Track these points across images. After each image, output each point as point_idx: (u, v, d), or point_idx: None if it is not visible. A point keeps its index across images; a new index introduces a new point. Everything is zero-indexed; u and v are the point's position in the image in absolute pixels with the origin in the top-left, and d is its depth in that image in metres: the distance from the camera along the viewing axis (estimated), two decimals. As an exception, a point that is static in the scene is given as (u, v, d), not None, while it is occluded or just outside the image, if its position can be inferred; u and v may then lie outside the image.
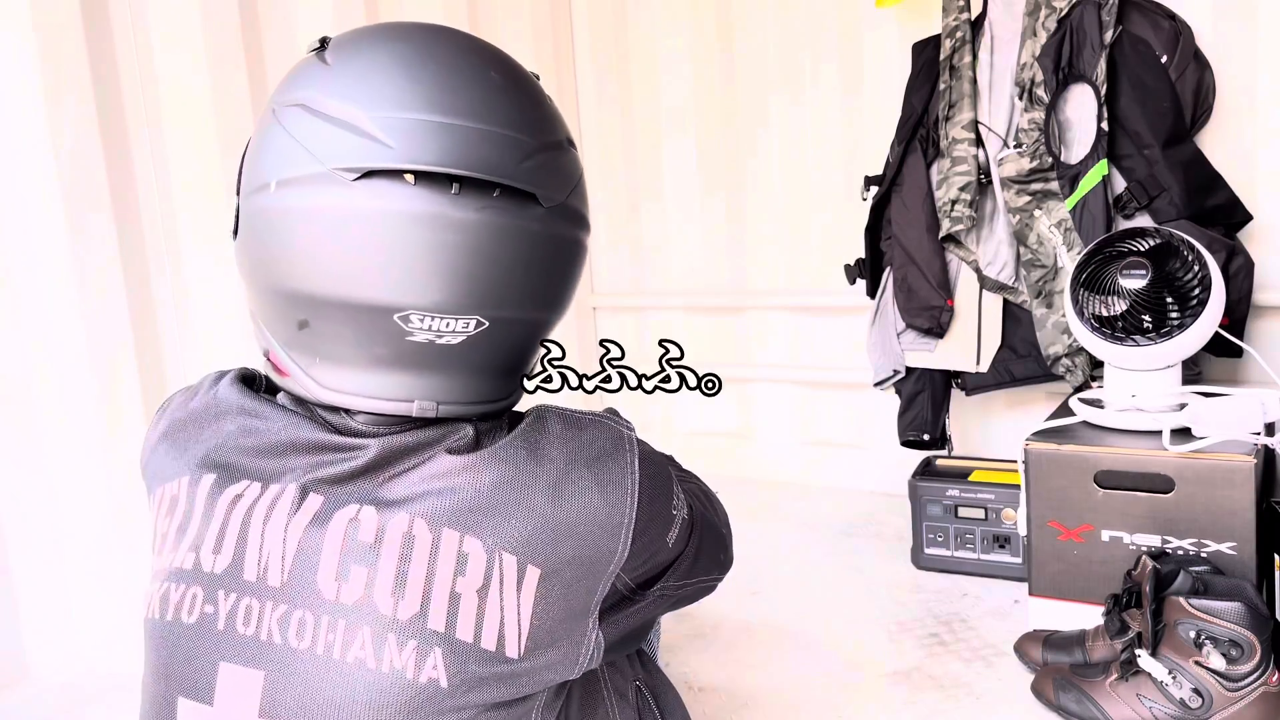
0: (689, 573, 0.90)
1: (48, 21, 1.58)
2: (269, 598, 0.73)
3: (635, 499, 0.78)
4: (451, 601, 0.72)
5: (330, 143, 0.71)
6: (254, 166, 0.76)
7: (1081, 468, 1.47)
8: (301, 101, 0.73)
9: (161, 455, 0.82)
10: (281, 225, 0.73)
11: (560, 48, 2.63)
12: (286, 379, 0.79)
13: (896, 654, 1.56)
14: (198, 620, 0.75)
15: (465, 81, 0.74)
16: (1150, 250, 1.49)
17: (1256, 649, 1.22)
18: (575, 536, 0.75)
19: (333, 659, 0.71)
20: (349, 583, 0.72)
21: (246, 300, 0.82)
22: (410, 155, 0.70)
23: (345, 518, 0.73)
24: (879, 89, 2.19)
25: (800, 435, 2.49)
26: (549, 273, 0.79)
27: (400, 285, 0.71)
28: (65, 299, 1.63)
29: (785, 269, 2.44)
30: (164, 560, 0.78)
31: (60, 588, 1.66)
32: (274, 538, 0.74)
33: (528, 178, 0.74)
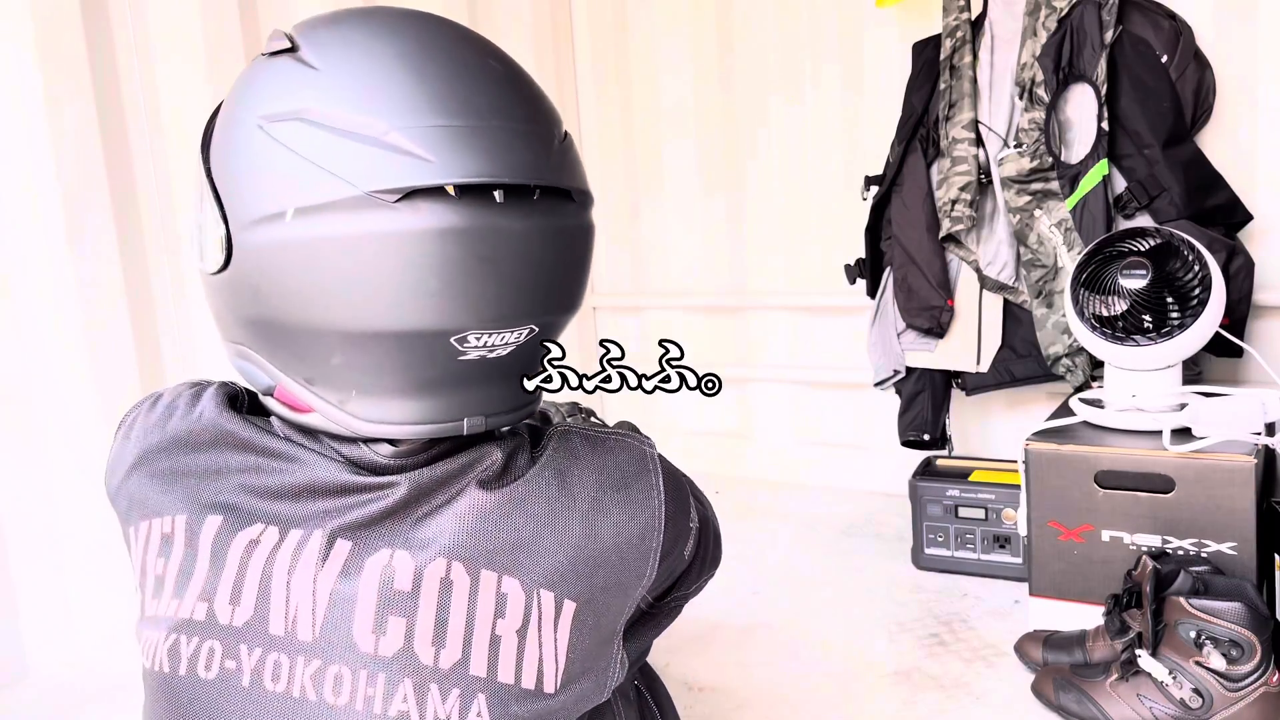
0: (698, 577, 0.90)
1: (48, 23, 1.58)
2: (300, 652, 0.69)
3: (662, 520, 0.77)
4: (492, 645, 0.70)
5: (358, 161, 0.64)
6: (250, 192, 0.68)
7: (1082, 468, 1.47)
8: (298, 113, 0.66)
9: (142, 484, 0.76)
10: (308, 257, 0.66)
11: (560, 48, 2.63)
12: (309, 415, 0.73)
13: (896, 654, 1.56)
14: (218, 676, 0.71)
15: (475, 76, 0.70)
16: (1150, 250, 1.49)
17: (1257, 649, 1.22)
18: (608, 564, 0.74)
19: (374, 713, 0.68)
20: (387, 635, 0.68)
21: (230, 335, 0.75)
22: (451, 169, 0.65)
23: (379, 564, 0.69)
24: (879, 89, 2.19)
25: (800, 435, 2.49)
26: (582, 266, 0.76)
27: (456, 307, 0.67)
28: (65, 299, 1.63)
29: (785, 269, 2.44)
30: (164, 607, 0.73)
31: (60, 588, 1.66)
32: (302, 589, 0.70)
33: (559, 175, 0.71)
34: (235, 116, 0.70)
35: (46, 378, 1.63)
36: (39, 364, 1.63)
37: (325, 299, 0.67)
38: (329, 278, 0.66)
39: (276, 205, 0.66)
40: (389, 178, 0.64)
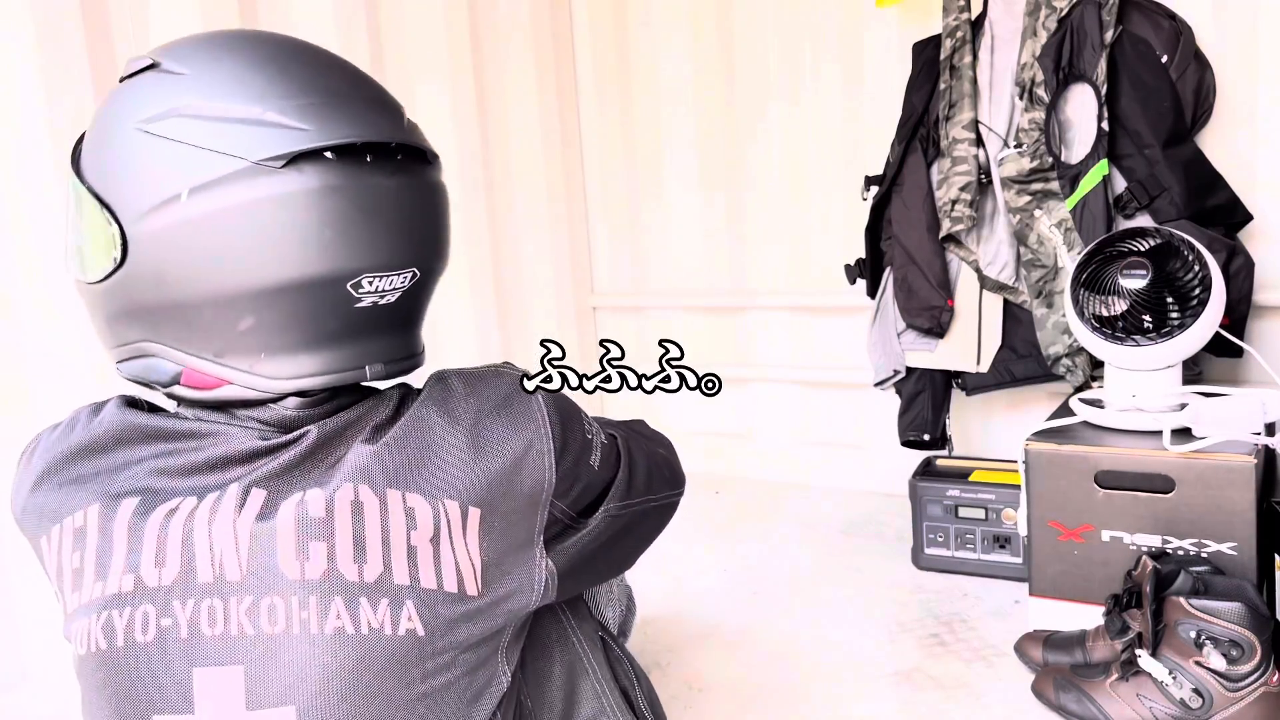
0: (629, 493, 0.94)
1: (48, 24, 1.58)
2: (231, 593, 0.74)
3: (547, 428, 0.84)
4: (409, 555, 0.75)
5: (242, 138, 0.73)
6: (140, 186, 0.74)
7: (1082, 468, 1.47)
8: (174, 111, 0.74)
9: (50, 495, 0.79)
10: (210, 229, 0.73)
11: (560, 48, 2.63)
12: (221, 389, 0.79)
13: (896, 654, 1.56)
14: (155, 637, 0.74)
15: (328, 65, 0.82)
16: (1150, 250, 1.49)
17: (1257, 649, 1.22)
18: (503, 475, 0.80)
19: (310, 634, 0.73)
20: (311, 559, 0.74)
21: (122, 339, 0.81)
22: (325, 134, 0.74)
23: (293, 502, 0.75)
24: (879, 89, 2.19)
25: (800, 435, 2.49)
26: (445, 218, 0.86)
27: (349, 253, 0.76)
28: (64, 299, 1.63)
29: (785, 269, 2.44)
30: (88, 593, 0.76)
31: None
32: (224, 534, 0.74)
33: (414, 137, 0.82)
34: (110, 128, 0.77)
35: (46, 378, 1.63)
36: (39, 364, 1.63)
37: (230, 264, 0.74)
38: (232, 243, 0.74)
39: (170, 190, 0.73)
40: (272, 147, 0.73)
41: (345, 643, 0.73)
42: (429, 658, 0.76)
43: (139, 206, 0.74)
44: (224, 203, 0.73)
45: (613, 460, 0.93)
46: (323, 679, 0.73)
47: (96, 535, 0.76)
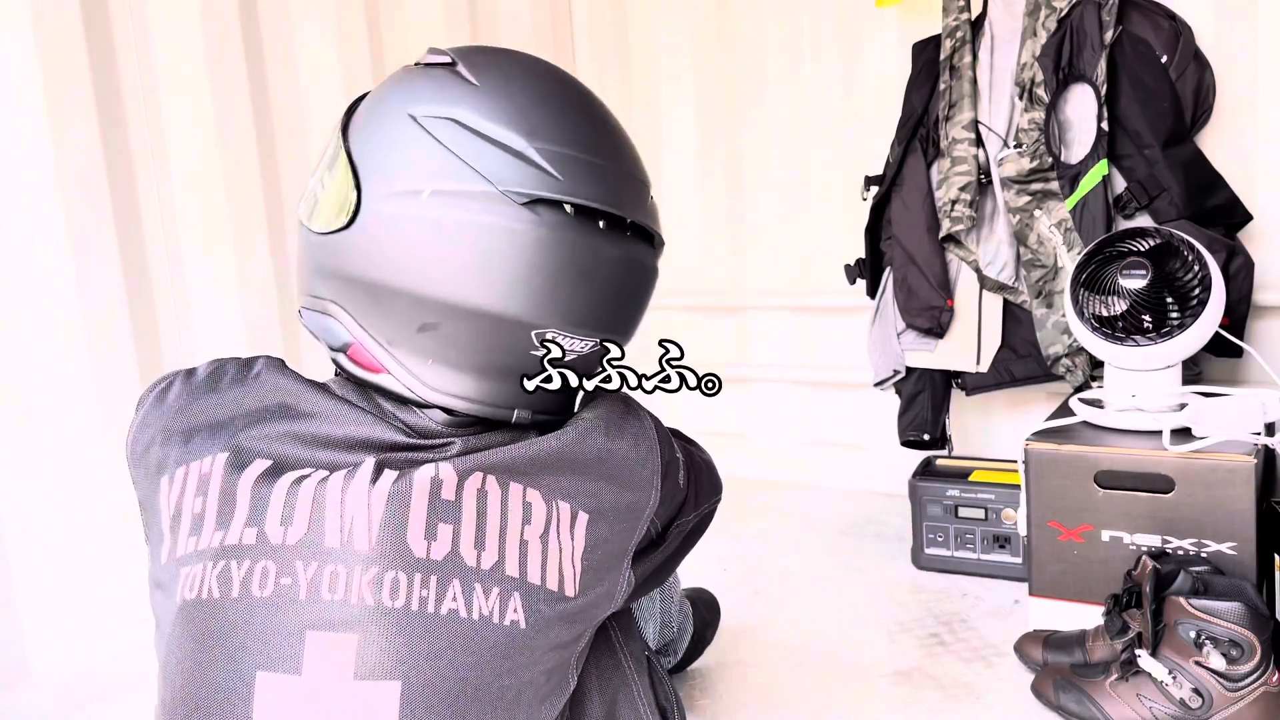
0: (695, 506, 0.99)
1: (49, 26, 1.58)
2: (357, 562, 0.74)
3: (658, 449, 0.88)
4: (522, 548, 0.78)
5: (498, 166, 0.77)
6: (392, 168, 0.78)
7: (1081, 468, 1.47)
8: (454, 117, 0.78)
9: (182, 437, 0.80)
10: (434, 232, 0.77)
11: (560, 48, 2.63)
12: (379, 375, 0.82)
13: (896, 654, 1.56)
14: (273, 593, 0.75)
15: (602, 123, 0.86)
16: (1150, 250, 1.49)
17: (1257, 649, 1.22)
18: (615, 486, 0.84)
19: (427, 613, 0.74)
20: (438, 540, 0.76)
21: (316, 290, 0.84)
22: (573, 189, 0.79)
23: (427, 476, 0.76)
24: (879, 89, 2.19)
25: (800, 435, 2.49)
26: (646, 301, 0.91)
27: (550, 307, 0.79)
28: (65, 300, 1.63)
29: (785, 269, 2.44)
30: (207, 539, 0.77)
31: (60, 587, 1.66)
32: (356, 504, 0.75)
33: (649, 218, 0.87)
34: (388, 107, 0.81)
35: (47, 379, 1.63)
36: (40, 365, 1.63)
37: (437, 270, 0.77)
38: (449, 253, 0.77)
39: (416, 184, 0.77)
40: (522, 184, 0.77)
41: (457, 625, 0.75)
42: (523, 651, 0.77)
43: (387, 187, 0.78)
44: (458, 215, 0.77)
45: (687, 474, 0.96)
46: (431, 657, 0.74)
47: (220, 486, 0.77)
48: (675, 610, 1.38)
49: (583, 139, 0.81)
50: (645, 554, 0.90)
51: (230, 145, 1.86)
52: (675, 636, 1.41)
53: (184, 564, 0.77)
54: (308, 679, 0.73)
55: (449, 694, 0.74)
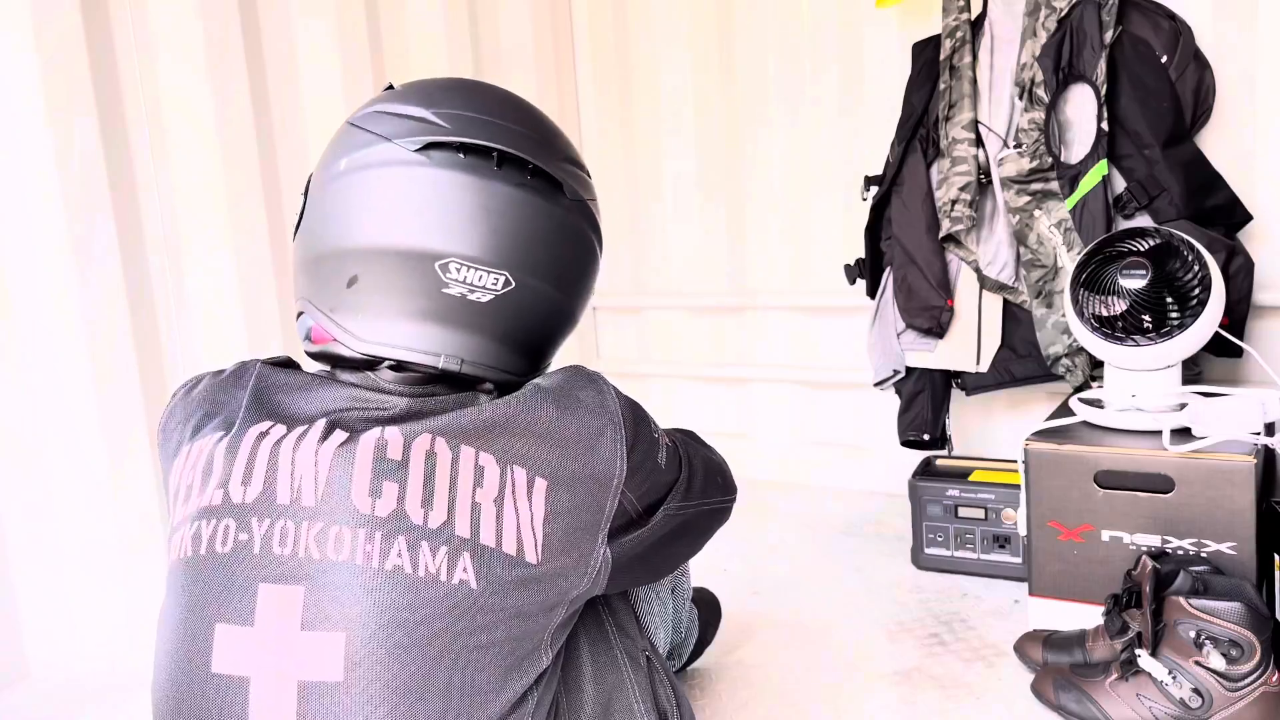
0: (688, 495, 0.99)
1: (49, 26, 1.58)
2: (305, 518, 0.79)
3: (620, 420, 0.88)
4: (474, 510, 0.80)
5: (396, 127, 0.87)
6: (324, 161, 0.91)
7: (1081, 468, 1.48)
8: (374, 109, 0.90)
9: (195, 427, 0.89)
10: (346, 192, 0.87)
11: (560, 48, 2.63)
12: (330, 344, 0.89)
13: (896, 654, 1.56)
14: (232, 548, 0.80)
15: (515, 104, 0.95)
16: (1150, 250, 1.49)
17: (1256, 649, 1.22)
18: (576, 456, 0.85)
19: (371, 567, 0.78)
20: (382, 497, 0.79)
21: (297, 292, 0.93)
22: (461, 134, 0.87)
23: (373, 438, 0.81)
24: (879, 89, 2.19)
25: (800, 435, 2.49)
26: (567, 258, 0.93)
27: (443, 234, 0.85)
28: (65, 301, 1.63)
29: (785, 269, 2.44)
30: (190, 506, 0.84)
31: (60, 587, 1.67)
32: (305, 463, 0.81)
33: (558, 171, 0.91)
34: (338, 132, 0.94)
35: (47, 380, 1.63)
36: (40, 366, 1.63)
37: (354, 223, 0.87)
38: (355, 203, 0.87)
39: (338, 163, 0.89)
40: (412, 135, 0.87)
41: (401, 581, 0.77)
42: (479, 613, 0.79)
43: (319, 177, 0.91)
44: (362, 172, 0.87)
45: (675, 462, 0.97)
46: (375, 612, 0.77)
47: (207, 455, 0.85)
48: (685, 614, 1.37)
49: (486, 107, 0.90)
50: (624, 533, 0.90)
51: (230, 145, 1.86)
52: (682, 640, 1.41)
53: (175, 530, 0.86)
54: (259, 629, 0.79)
55: (394, 648, 0.77)
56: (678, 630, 1.37)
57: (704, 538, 1.08)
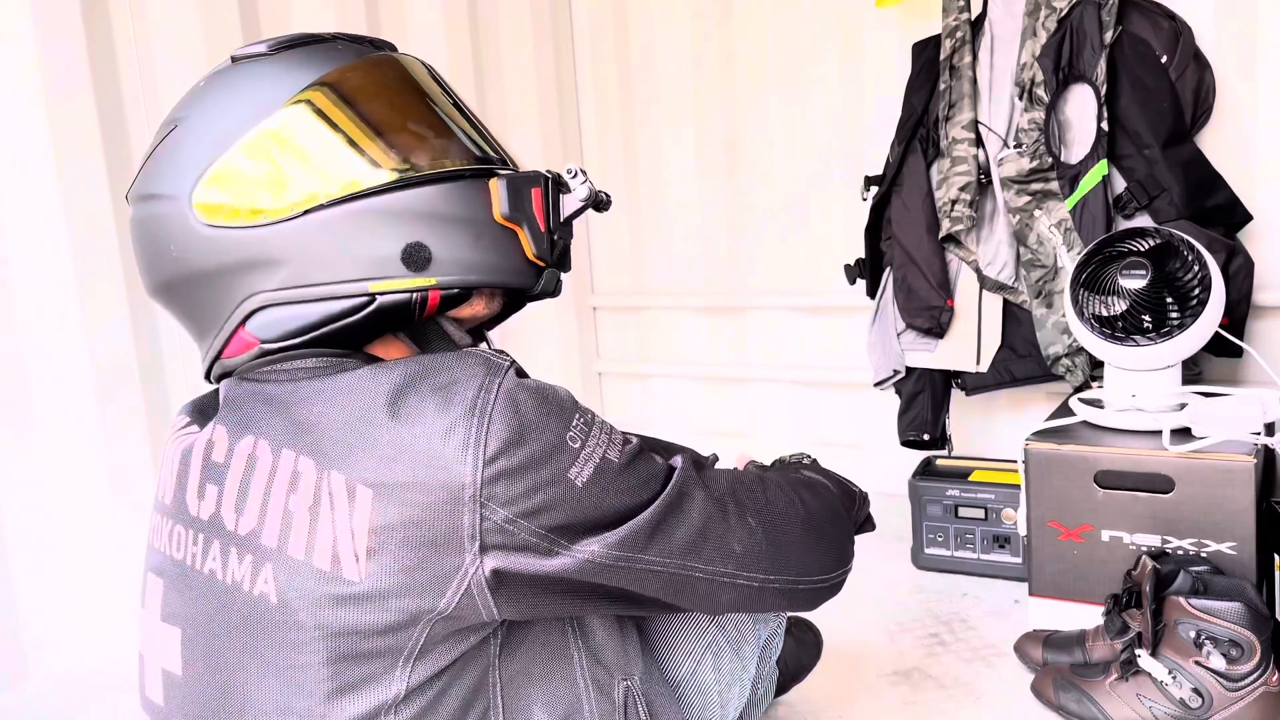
0: (650, 544, 0.78)
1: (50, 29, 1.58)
2: (167, 515, 0.84)
3: (486, 414, 0.73)
4: (285, 519, 0.75)
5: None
6: None
7: (1081, 468, 1.47)
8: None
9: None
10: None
11: (560, 47, 2.63)
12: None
13: (896, 654, 1.56)
14: (149, 540, 0.88)
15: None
16: (1150, 250, 1.49)
17: (1256, 649, 1.22)
18: (412, 458, 0.72)
19: (196, 568, 0.80)
20: (205, 500, 0.80)
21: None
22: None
23: (204, 439, 0.82)
24: (879, 89, 2.19)
25: (800, 435, 2.49)
26: (143, 251, 0.90)
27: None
28: (65, 299, 1.63)
29: (785, 269, 2.44)
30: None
31: (60, 586, 1.66)
32: (171, 462, 0.85)
33: (142, 183, 0.87)
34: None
35: (46, 378, 1.63)
36: (39, 365, 1.63)
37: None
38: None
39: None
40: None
41: (214, 586, 0.78)
42: (284, 629, 0.74)
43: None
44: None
45: (630, 489, 0.78)
46: (198, 614, 0.79)
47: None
48: (769, 669, 1.21)
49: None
50: (510, 555, 0.74)
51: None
52: (756, 701, 1.22)
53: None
54: (147, 613, 0.85)
55: (215, 651, 0.78)
56: (752, 689, 1.16)
57: (713, 608, 0.85)
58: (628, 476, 0.78)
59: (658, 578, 0.80)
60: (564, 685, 0.86)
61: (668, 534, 0.79)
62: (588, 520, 0.76)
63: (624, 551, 0.77)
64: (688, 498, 0.81)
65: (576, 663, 0.87)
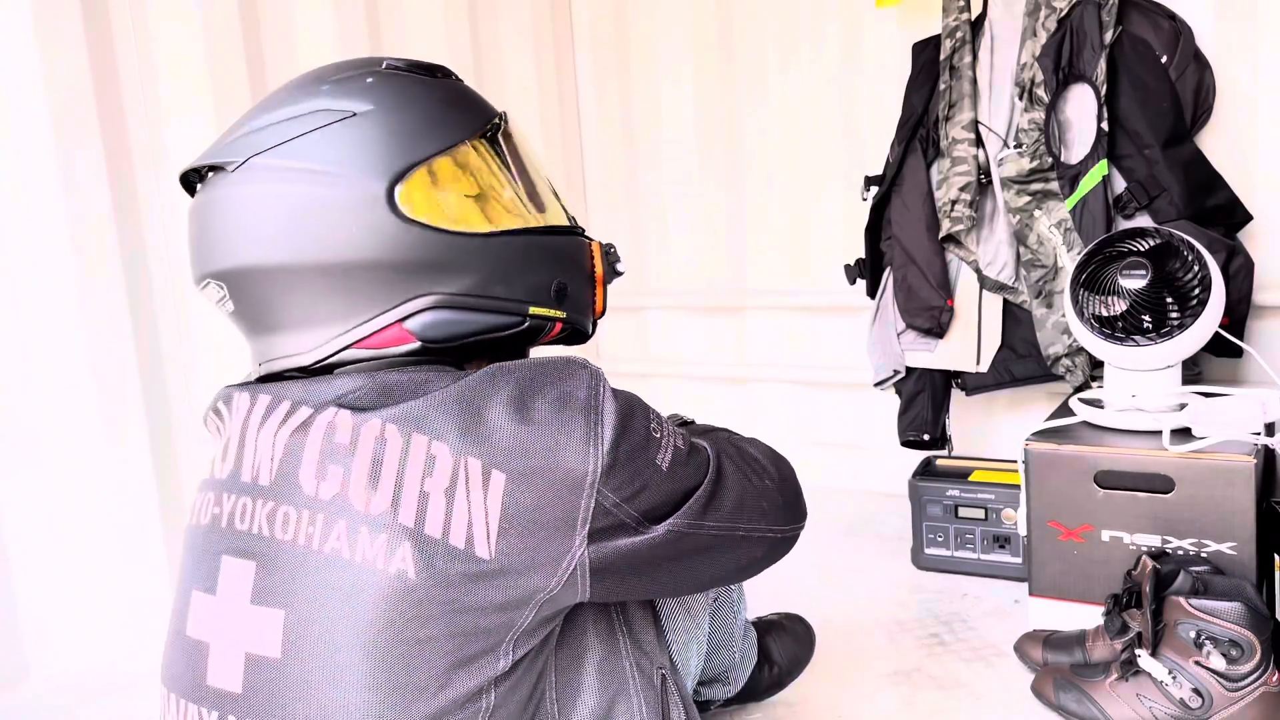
0: (709, 512, 0.91)
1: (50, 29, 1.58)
2: (260, 496, 0.82)
3: (599, 412, 0.83)
4: (421, 499, 0.78)
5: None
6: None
7: (1081, 468, 1.47)
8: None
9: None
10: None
11: (560, 47, 2.63)
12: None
13: (896, 654, 1.56)
14: (210, 521, 0.85)
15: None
16: (1150, 250, 1.49)
17: (1256, 649, 1.22)
18: (538, 450, 0.80)
19: (312, 549, 0.79)
20: (327, 480, 0.80)
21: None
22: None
23: (325, 421, 0.81)
24: (879, 89, 2.19)
25: (800, 435, 2.49)
26: (233, 224, 0.90)
27: (192, 263, 0.89)
28: (66, 298, 1.63)
29: (785, 269, 2.44)
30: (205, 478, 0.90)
31: (60, 587, 1.66)
32: (265, 443, 0.83)
33: (221, 151, 0.88)
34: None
35: (47, 378, 1.63)
36: (39, 364, 1.63)
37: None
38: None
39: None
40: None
41: (339, 565, 0.78)
42: (417, 604, 0.77)
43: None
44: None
45: (693, 471, 0.90)
46: (311, 593, 0.78)
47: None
48: (734, 638, 1.28)
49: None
50: (608, 537, 0.83)
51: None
52: (732, 665, 1.30)
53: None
54: (220, 599, 0.83)
55: (329, 630, 0.77)
56: (725, 650, 1.27)
57: (741, 565, 0.98)
58: (691, 461, 0.91)
59: (714, 540, 0.93)
60: (612, 672, 0.94)
61: (719, 503, 0.92)
62: (669, 499, 0.88)
63: (693, 520, 0.90)
64: (724, 471, 0.94)
65: (623, 650, 0.96)
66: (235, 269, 0.84)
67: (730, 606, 1.26)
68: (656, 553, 0.87)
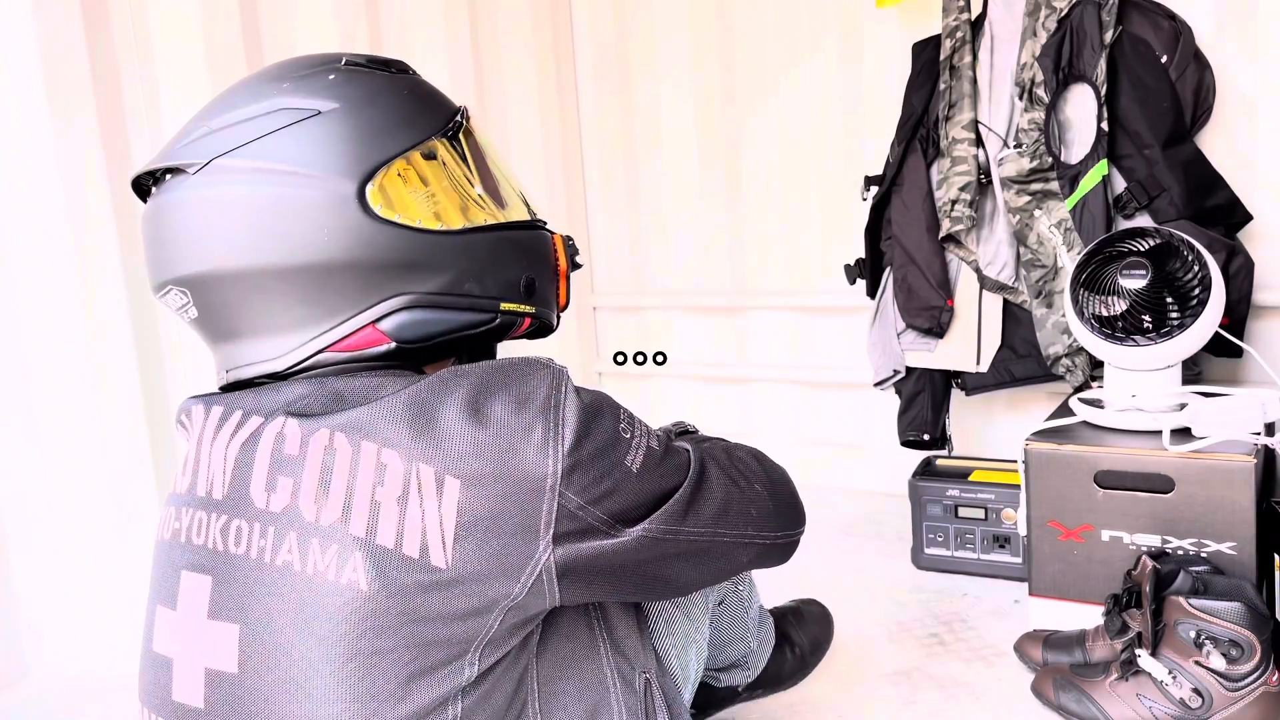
0: (689, 517, 0.88)
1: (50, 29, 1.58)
2: (214, 510, 0.82)
3: (559, 412, 0.81)
4: (372, 509, 0.77)
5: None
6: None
7: (1081, 468, 1.48)
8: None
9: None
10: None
11: (560, 47, 2.63)
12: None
13: (896, 654, 1.56)
14: (170, 536, 0.85)
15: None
16: (1150, 250, 1.49)
17: (1256, 649, 1.22)
18: (496, 453, 0.78)
19: (264, 562, 0.78)
20: (277, 492, 0.79)
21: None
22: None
23: (273, 431, 0.80)
24: (879, 89, 2.19)
25: (800, 435, 2.49)
26: (187, 230, 0.88)
27: (149, 272, 0.88)
28: (66, 298, 1.63)
29: (785, 269, 2.44)
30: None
31: (60, 587, 1.66)
32: (219, 456, 0.83)
33: (175, 153, 0.86)
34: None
35: (47, 377, 1.63)
36: (40, 364, 1.63)
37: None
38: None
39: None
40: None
41: (291, 578, 0.77)
42: (371, 615, 0.75)
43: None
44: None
45: (669, 473, 0.88)
46: (264, 607, 0.77)
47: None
48: (751, 627, 1.28)
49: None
50: (576, 540, 0.81)
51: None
52: (749, 652, 1.31)
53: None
54: (180, 614, 0.82)
55: (284, 643, 0.76)
56: (740, 641, 1.26)
57: (727, 570, 0.96)
58: (666, 462, 0.88)
59: (693, 545, 0.90)
60: (593, 678, 0.93)
61: (699, 508, 0.90)
62: (641, 502, 0.85)
63: (669, 525, 0.87)
64: (707, 475, 0.92)
65: (603, 655, 0.94)
66: (200, 274, 0.81)
67: (740, 603, 1.25)
68: (630, 556, 0.84)
